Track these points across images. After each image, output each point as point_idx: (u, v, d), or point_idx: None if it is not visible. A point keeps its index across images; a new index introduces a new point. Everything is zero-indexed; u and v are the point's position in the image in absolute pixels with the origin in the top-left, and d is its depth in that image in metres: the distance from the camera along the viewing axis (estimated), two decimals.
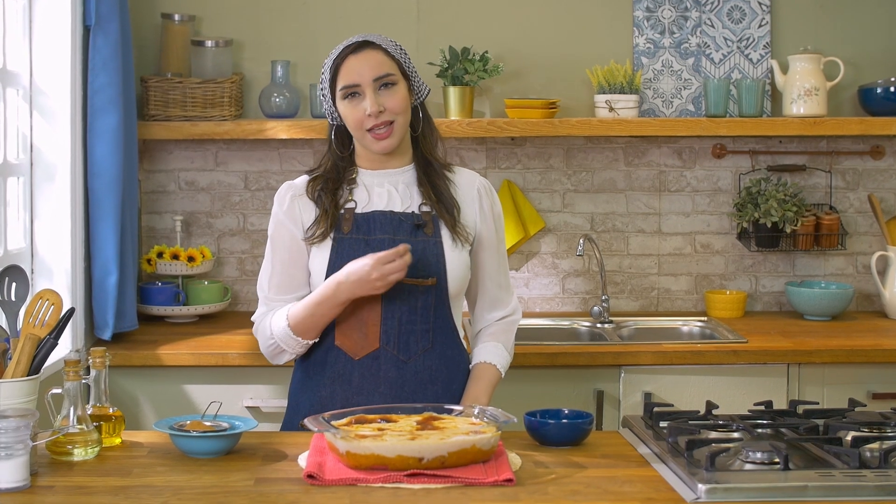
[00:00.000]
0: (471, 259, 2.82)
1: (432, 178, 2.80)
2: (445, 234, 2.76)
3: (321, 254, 2.74)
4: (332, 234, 2.74)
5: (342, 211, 2.76)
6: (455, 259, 2.75)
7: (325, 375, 2.74)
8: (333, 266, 2.71)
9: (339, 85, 2.73)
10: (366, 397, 2.68)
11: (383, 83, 2.71)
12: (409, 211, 2.77)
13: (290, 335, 2.72)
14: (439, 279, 2.73)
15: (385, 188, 2.79)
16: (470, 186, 2.85)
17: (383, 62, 2.72)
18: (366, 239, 2.72)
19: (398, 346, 2.70)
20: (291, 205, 2.80)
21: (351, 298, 2.65)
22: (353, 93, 2.71)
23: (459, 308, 2.83)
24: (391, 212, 2.76)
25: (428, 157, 2.82)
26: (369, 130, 2.72)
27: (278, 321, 2.74)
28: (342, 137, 2.82)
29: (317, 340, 2.75)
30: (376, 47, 2.73)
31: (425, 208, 2.77)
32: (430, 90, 2.85)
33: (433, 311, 2.73)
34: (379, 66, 2.71)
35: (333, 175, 2.80)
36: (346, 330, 2.71)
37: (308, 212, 2.79)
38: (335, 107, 2.76)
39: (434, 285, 2.72)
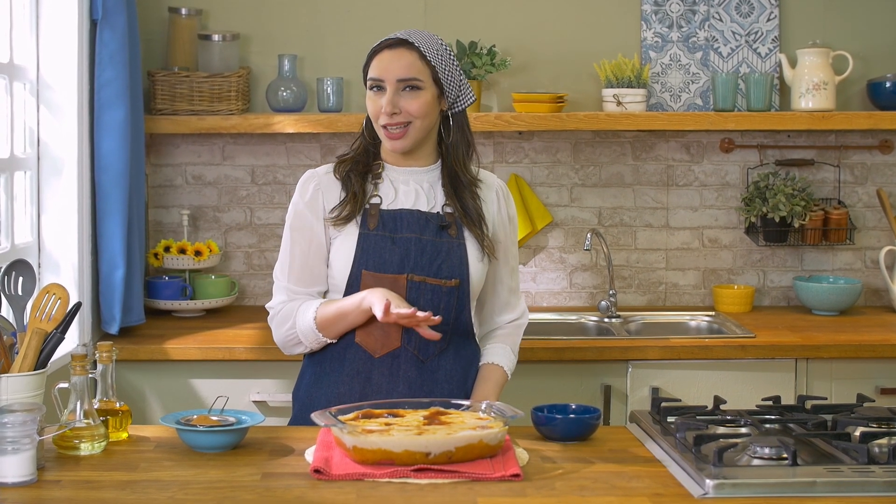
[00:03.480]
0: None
1: (459, 192, 2.78)
2: (468, 235, 2.76)
3: (345, 249, 2.72)
4: (357, 227, 2.72)
5: (367, 206, 2.75)
6: (476, 261, 2.76)
7: (344, 372, 2.73)
8: (358, 262, 2.70)
9: (368, 76, 2.73)
10: (384, 396, 2.67)
11: (407, 86, 2.69)
12: (435, 211, 2.76)
13: (314, 331, 2.71)
14: (462, 280, 2.73)
15: (411, 186, 2.78)
16: (489, 189, 2.85)
17: (412, 65, 2.69)
18: (392, 237, 2.71)
19: (419, 346, 2.70)
20: (315, 195, 2.78)
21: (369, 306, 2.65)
22: (377, 86, 2.71)
23: (475, 307, 2.83)
24: (418, 211, 2.75)
25: (457, 169, 2.79)
26: (384, 127, 2.71)
27: (305, 317, 2.72)
28: (372, 126, 2.82)
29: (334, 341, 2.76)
30: (412, 49, 2.70)
31: (448, 209, 2.76)
32: (474, 98, 2.81)
33: (454, 311, 2.73)
34: (406, 69, 2.68)
35: (363, 160, 2.80)
36: (368, 328, 2.71)
37: (332, 196, 2.77)
38: None
39: (457, 286, 2.72)
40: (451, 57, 2.75)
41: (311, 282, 2.77)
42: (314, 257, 2.77)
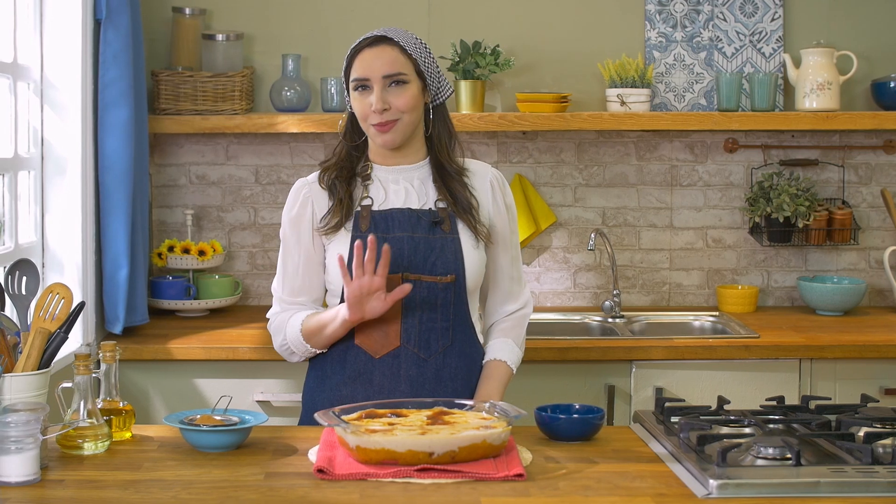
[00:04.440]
0: (485, 253, 2.81)
1: (447, 181, 2.78)
2: (463, 230, 2.75)
3: (340, 252, 2.72)
4: (349, 231, 2.72)
5: (359, 208, 2.75)
6: (472, 254, 2.75)
7: (345, 374, 2.73)
8: (353, 264, 2.70)
9: (352, 77, 2.72)
10: (386, 396, 2.67)
11: (393, 80, 2.69)
12: (426, 208, 2.76)
13: (302, 342, 2.75)
14: (458, 276, 2.72)
15: (401, 185, 2.78)
16: (483, 179, 2.83)
17: (396, 60, 2.70)
18: (384, 237, 2.70)
19: (419, 344, 2.70)
20: (304, 204, 2.78)
21: (350, 320, 2.63)
22: (362, 85, 2.70)
23: (476, 304, 2.82)
24: (409, 209, 2.75)
25: (441, 160, 2.80)
26: (373, 126, 2.71)
27: (293, 328, 2.75)
28: (357, 126, 2.81)
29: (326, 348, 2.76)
30: (393, 44, 2.71)
31: (441, 204, 2.76)
32: (452, 90, 2.82)
33: (452, 308, 2.73)
34: (390, 64, 2.69)
35: (347, 165, 2.79)
36: (367, 329, 2.70)
37: (322, 205, 2.77)
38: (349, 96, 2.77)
39: (453, 282, 2.72)
40: (428, 50, 2.77)
41: (303, 291, 2.80)
42: (305, 267, 2.79)
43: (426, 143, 2.82)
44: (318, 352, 2.76)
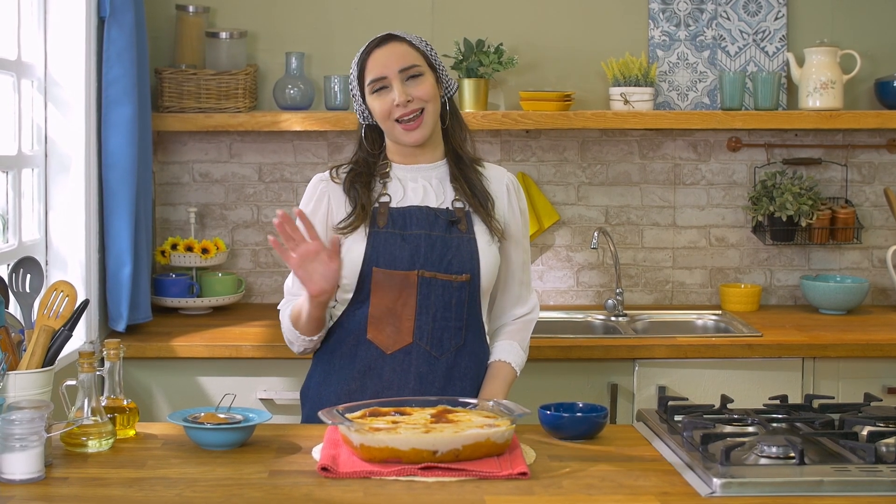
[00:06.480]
0: (499, 254, 2.82)
1: (465, 173, 2.80)
2: (479, 229, 2.76)
3: (356, 247, 2.72)
4: (366, 229, 2.73)
5: (376, 205, 2.75)
6: (488, 255, 2.76)
7: (355, 368, 2.73)
8: (369, 260, 2.71)
9: (367, 79, 2.73)
10: (395, 392, 2.68)
11: (410, 74, 2.71)
12: (444, 207, 2.77)
13: (292, 329, 2.75)
14: (473, 275, 2.73)
15: (420, 183, 2.79)
16: (499, 182, 2.85)
17: (408, 53, 2.72)
18: (401, 234, 2.72)
19: (431, 341, 2.70)
20: (320, 199, 2.79)
21: (310, 293, 2.60)
22: (381, 86, 2.71)
23: (486, 305, 2.83)
24: (427, 207, 2.76)
25: (458, 150, 2.82)
26: (398, 122, 2.71)
27: (284, 316, 2.78)
28: (373, 137, 2.82)
29: (331, 335, 2.76)
30: (400, 40, 2.74)
31: (458, 204, 2.77)
32: (457, 86, 2.85)
33: (466, 307, 2.73)
34: (404, 57, 2.71)
35: (365, 169, 2.80)
36: (379, 324, 2.71)
37: (339, 204, 2.78)
38: (365, 103, 2.77)
39: (468, 282, 2.72)
40: (431, 46, 2.79)
41: None
42: None
43: (443, 143, 2.84)
44: (312, 339, 2.75)
